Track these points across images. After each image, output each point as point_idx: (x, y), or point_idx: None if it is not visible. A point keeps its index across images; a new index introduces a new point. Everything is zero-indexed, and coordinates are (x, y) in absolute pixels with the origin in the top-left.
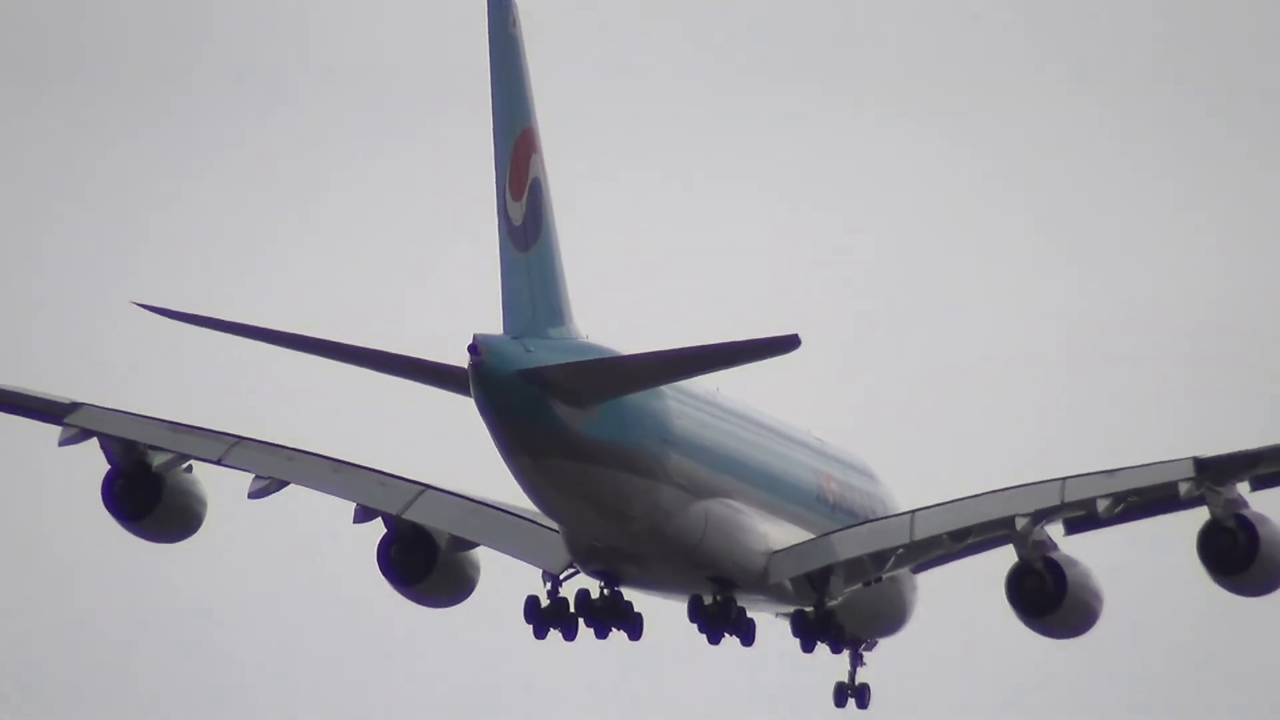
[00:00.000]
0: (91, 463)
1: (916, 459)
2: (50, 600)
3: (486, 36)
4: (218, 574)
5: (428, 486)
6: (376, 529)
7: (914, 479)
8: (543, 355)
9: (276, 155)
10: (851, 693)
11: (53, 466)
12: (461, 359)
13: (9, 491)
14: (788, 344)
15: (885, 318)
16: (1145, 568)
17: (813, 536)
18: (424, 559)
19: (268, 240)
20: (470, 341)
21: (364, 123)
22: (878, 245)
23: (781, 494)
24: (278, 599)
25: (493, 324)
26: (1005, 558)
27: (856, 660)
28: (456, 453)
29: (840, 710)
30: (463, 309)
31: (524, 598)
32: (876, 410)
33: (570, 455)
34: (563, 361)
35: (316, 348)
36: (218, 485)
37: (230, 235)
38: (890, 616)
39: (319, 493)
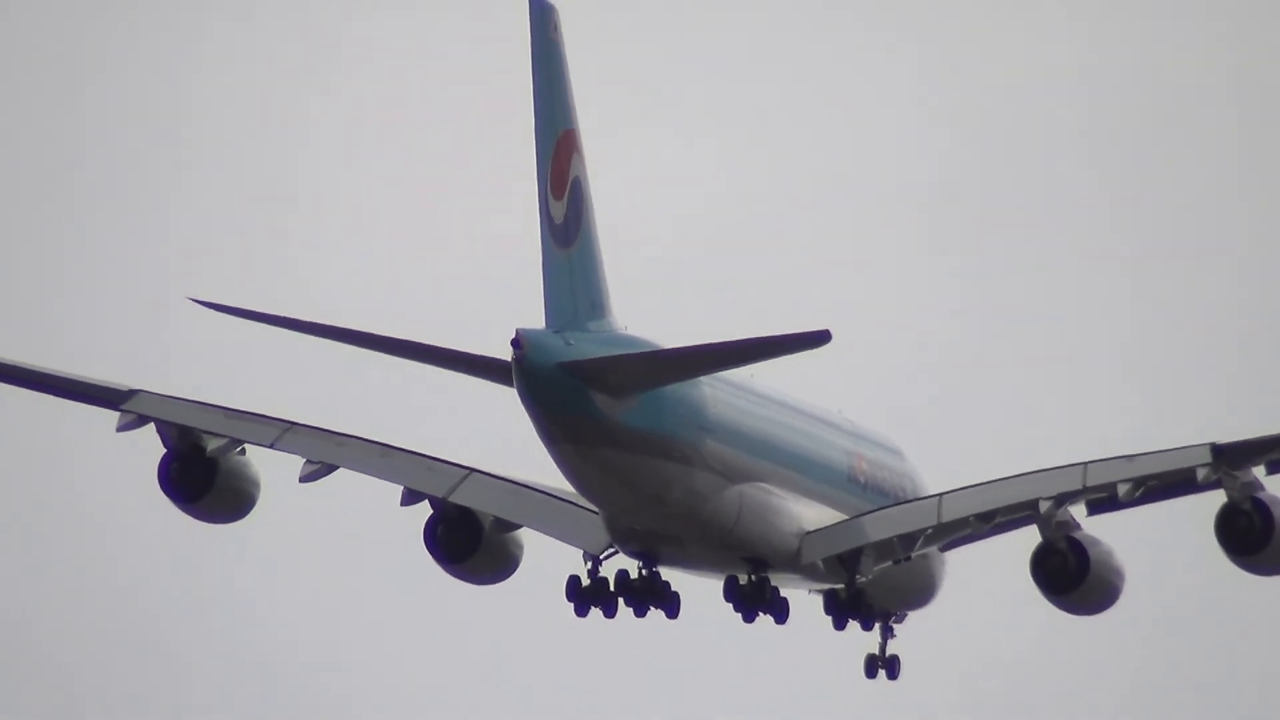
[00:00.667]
0: (149, 447)
1: (944, 440)
2: (110, 577)
3: (530, 42)
4: (271, 554)
5: (473, 470)
6: (424, 511)
7: (941, 459)
8: (583, 348)
9: (331, 158)
10: (882, 664)
11: (111, 451)
12: (505, 352)
13: (70, 473)
14: (819, 339)
15: (912, 304)
16: (1167, 546)
17: (845, 517)
18: (469, 538)
19: (326, 238)
20: (513, 336)
21: (412, 124)
22: (903, 236)
23: (814, 476)
24: (329, 577)
25: (536, 317)
26: (1030, 537)
27: (887, 633)
28: (502, 437)
29: (871, 681)
30: (508, 302)
31: (566, 577)
32: (904, 391)
33: (609, 444)
34: (601, 355)
35: (366, 341)
36: (270, 470)
37: (289, 234)
38: (919, 591)
39: (368, 476)
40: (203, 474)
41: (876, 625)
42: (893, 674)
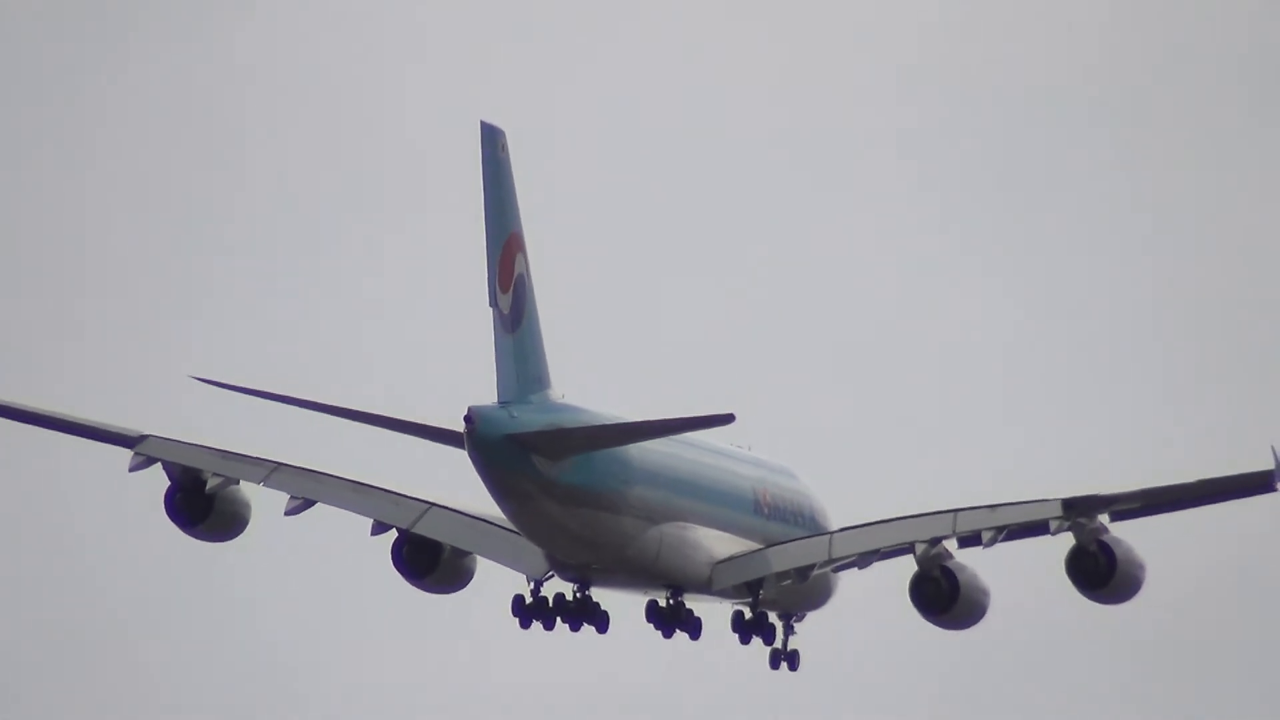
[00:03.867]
0: (152, 482)
1: (846, 472)
2: (122, 593)
3: (480, 159)
4: (263, 577)
5: (433, 505)
6: (392, 537)
7: (839, 487)
8: (525, 419)
9: (317, 256)
10: (784, 657)
11: (119, 485)
12: (460, 423)
13: (83, 502)
14: (725, 419)
15: (819, 374)
16: (1029, 570)
17: (754, 541)
18: (429, 559)
19: (315, 324)
20: (466, 412)
21: (382, 232)
22: (815, 316)
23: (726, 508)
24: (311, 596)
25: (488, 389)
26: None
27: (788, 630)
28: (457, 478)
29: (774, 672)
30: (465, 376)
31: (511, 596)
32: (809, 428)
33: (548, 498)
34: (541, 429)
35: (345, 414)
36: (261, 505)
37: (286, 320)
38: (818, 595)
39: (343, 510)
40: (202, 501)
41: (780, 625)
42: (794, 666)
